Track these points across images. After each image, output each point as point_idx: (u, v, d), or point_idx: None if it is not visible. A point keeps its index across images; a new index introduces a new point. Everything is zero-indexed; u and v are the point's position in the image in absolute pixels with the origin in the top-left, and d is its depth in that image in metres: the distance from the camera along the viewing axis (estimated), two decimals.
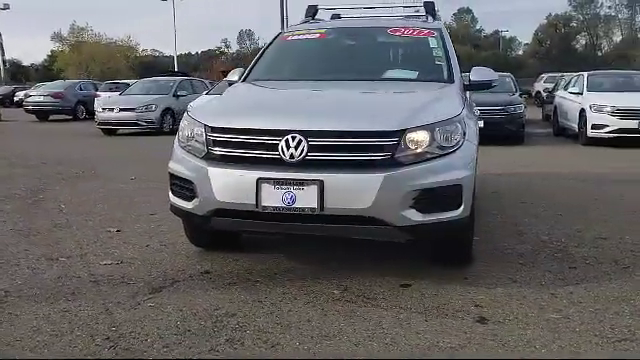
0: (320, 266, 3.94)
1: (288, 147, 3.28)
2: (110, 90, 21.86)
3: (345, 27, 5.13)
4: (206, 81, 19.25)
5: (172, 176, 3.79)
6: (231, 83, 4.89)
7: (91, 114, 22.54)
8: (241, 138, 3.41)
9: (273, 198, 3.27)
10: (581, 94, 12.76)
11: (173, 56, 44.91)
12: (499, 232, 4.88)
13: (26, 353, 2.76)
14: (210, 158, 3.48)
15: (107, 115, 15.45)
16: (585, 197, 6.55)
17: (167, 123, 15.61)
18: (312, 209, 3.23)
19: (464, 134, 3.49)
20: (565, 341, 2.83)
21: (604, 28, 79.77)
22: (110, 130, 15.57)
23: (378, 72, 4.50)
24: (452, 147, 3.40)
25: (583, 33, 79.37)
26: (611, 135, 11.63)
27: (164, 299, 3.37)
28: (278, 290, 3.51)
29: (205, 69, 54.13)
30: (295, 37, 4.97)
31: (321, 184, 3.20)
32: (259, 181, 3.28)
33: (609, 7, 79.11)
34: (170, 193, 3.85)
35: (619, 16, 79.72)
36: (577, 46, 79.46)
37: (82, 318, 3.09)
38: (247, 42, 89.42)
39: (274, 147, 3.32)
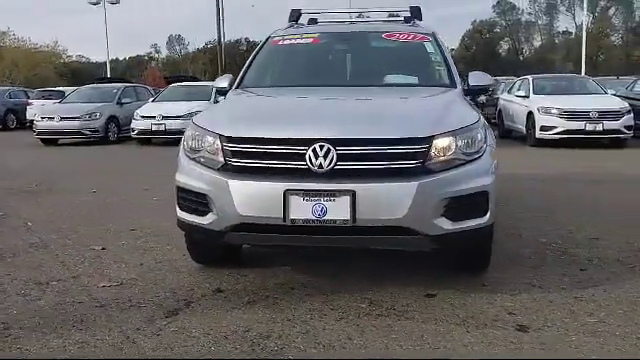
0: (334, 279, 3.80)
1: (316, 156, 3.13)
2: (43, 98, 20.80)
3: (337, 32, 5.02)
4: (150, 88, 18.60)
5: (181, 190, 3.55)
6: (220, 90, 4.69)
7: (22, 123, 21.44)
8: (264, 148, 3.23)
9: (302, 210, 3.11)
10: (528, 97, 13.19)
11: (100, 62, 43.26)
12: (495, 235, 4.89)
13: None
14: (229, 170, 3.28)
15: (47, 124, 14.64)
16: (552, 198, 6.74)
17: (112, 132, 14.96)
18: (344, 221, 3.09)
19: (485, 140, 3.45)
20: (611, 346, 2.83)
21: (525, 33, 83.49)
22: (50, 140, 14.77)
23: (380, 77, 4.43)
24: (476, 153, 3.36)
25: (506, 38, 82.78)
26: (559, 136, 12.07)
27: (185, 322, 3.14)
28: (303, 306, 3.35)
29: (133, 76, 52.49)
30: (287, 42, 4.81)
31: (353, 195, 3.07)
32: (287, 193, 3.12)
33: (529, 13, 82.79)
34: (177, 208, 3.61)
35: (539, 22, 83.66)
36: (500, 51, 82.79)
37: (104, 349, 2.83)
38: (177, 47, 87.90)
39: (300, 157, 3.16)
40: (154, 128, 13.73)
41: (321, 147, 3.13)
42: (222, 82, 4.68)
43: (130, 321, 3.16)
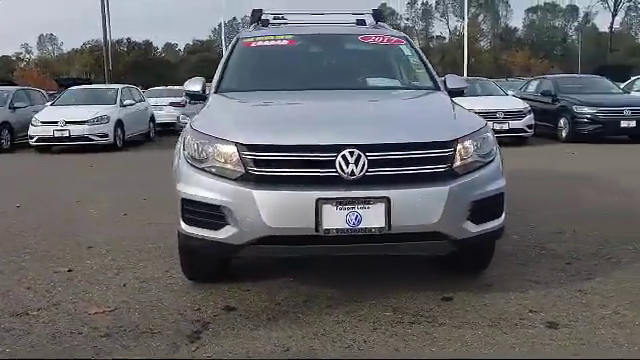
0: (342, 288, 3.68)
1: (347, 163, 3.02)
2: None
3: (311, 33, 4.89)
4: (43, 91, 17.18)
5: (188, 202, 3.28)
6: (192, 94, 4.43)
7: None
8: (291, 156, 3.06)
9: (336, 219, 2.99)
10: None
11: None
12: None
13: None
14: (251, 180, 3.07)
15: None
16: None
17: (5, 139, 13.64)
18: (380, 228, 3.01)
19: (495, 142, 3.52)
20: (638, 335, 2.97)
21: None
22: None
23: (366, 81, 4.39)
24: (490, 156, 3.41)
25: None
26: None
27: (214, 346, 2.91)
28: (328, 319, 3.22)
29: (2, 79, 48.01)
30: (260, 43, 4.62)
31: (388, 201, 3.00)
32: (319, 202, 2.98)
33: (407, 19, 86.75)
34: (183, 223, 3.34)
35: (416, 27, 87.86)
36: None
37: None
38: (49, 47, 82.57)
39: (330, 164, 3.03)
40: (57, 134, 12.70)
41: (351, 153, 3.02)
42: (194, 86, 4.41)
43: (152, 351, 2.87)
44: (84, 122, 12.67)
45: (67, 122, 12.71)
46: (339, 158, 3.02)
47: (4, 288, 3.81)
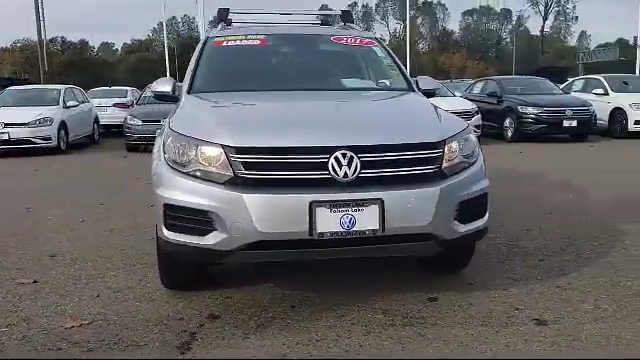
0: (325, 291, 3.63)
1: (340, 165, 2.97)
2: None
3: (283, 33, 4.81)
4: None
5: (171, 208, 3.14)
6: (160, 95, 4.28)
7: None
8: (281, 158, 2.98)
9: (330, 223, 2.93)
10: None
11: None
12: None
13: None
14: (239, 184, 2.97)
15: None
16: None
17: None
18: (374, 231, 2.97)
19: (477, 143, 3.55)
20: (621, 329, 3.05)
21: None
22: None
23: (341, 81, 4.36)
24: (474, 156, 3.44)
25: None
26: None
27: (207, 357, 2.80)
28: (320, 324, 3.16)
29: None
30: (231, 43, 4.51)
31: (382, 203, 2.97)
32: (312, 205, 2.91)
33: None
34: (165, 229, 3.19)
35: (356, 29, 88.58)
36: None
37: None
38: None
39: (322, 166, 2.97)
40: None
41: (344, 155, 2.98)
42: (163, 86, 4.26)
43: None
44: (25, 124, 12.10)
45: (6, 124, 12.08)
46: (332, 160, 2.97)
47: None
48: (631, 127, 13.62)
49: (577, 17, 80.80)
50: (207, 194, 3.02)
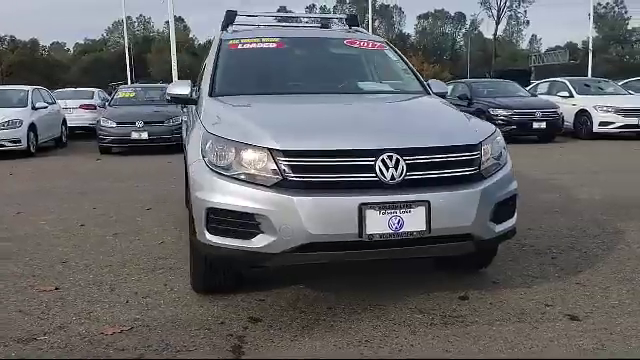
0: (358, 292, 3.66)
1: (387, 167, 3.02)
2: None
3: (297, 37, 4.84)
4: None
5: (214, 211, 3.13)
6: (178, 98, 4.25)
7: None
8: (330, 161, 3.01)
9: (379, 224, 2.98)
10: None
11: None
12: None
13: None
14: (289, 186, 2.99)
15: None
16: None
17: None
18: (421, 232, 3.04)
19: (505, 145, 3.65)
20: None
21: None
22: None
23: (363, 85, 4.41)
24: (504, 158, 3.54)
25: None
26: None
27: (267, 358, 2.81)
28: (363, 325, 3.20)
29: None
30: (247, 46, 4.51)
31: (428, 205, 3.03)
32: (362, 207, 2.96)
33: (306, 22, 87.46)
34: (207, 233, 3.17)
35: None
36: None
37: None
38: None
39: (369, 168, 3.02)
40: None
41: (390, 157, 3.03)
42: (181, 89, 4.23)
43: None
44: None
45: None
46: (378, 162, 3.02)
47: None
48: (596, 129, 14.14)
49: (528, 21, 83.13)
50: (254, 197, 3.03)
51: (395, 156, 3.04)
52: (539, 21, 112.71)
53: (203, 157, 3.25)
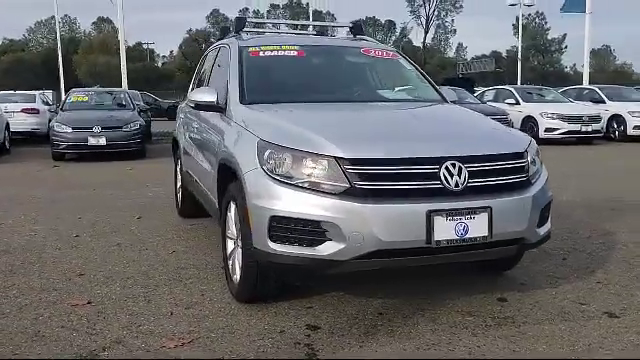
0: (400, 297, 3.74)
1: (451, 175, 3.12)
2: None
3: (314, 45, 4.85)
4: None
5: (278, 220, 3.12)
6: (203, 104, 4.19)
7: None
8: (397, 169, 3.07)
9: (446, 230, 3.07)
10: None
11: None
12: None
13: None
14: (358, 195, 3.02)
15: None
16: None
17: None
18: (484, 237, 3.15)
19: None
20: None
21: None
22: None
23: (387, 93, 4.49)
24: (540, 164, 3.71)
25: None
26: None
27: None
28: (421, 328, 3.27)
29: None
30: (268, 53, 4.49)
31: (490, 211, 3.15)
32: (431, 214, 3.03)
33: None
34: (269, 241, 3.16)
35: None
36: None
37: None
38: None
39: (433, 176, 3.11)
40: None
41: (453, 165, 3.13)
42: (207, 96, 4.16)
43: None
44: None
45: None
46: (442, 170, 3.11)
47: (30, 330, 3.27)
48: (542, 134, 14.89)
49: (455, 30, 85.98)
50: (321, 205, 3.04)
51: (458, 164, 3.13)
52: (465, 30, 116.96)
53: (261, 165, 3.24)
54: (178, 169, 6.31)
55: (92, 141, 11.84)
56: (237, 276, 3.65)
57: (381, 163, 3.08)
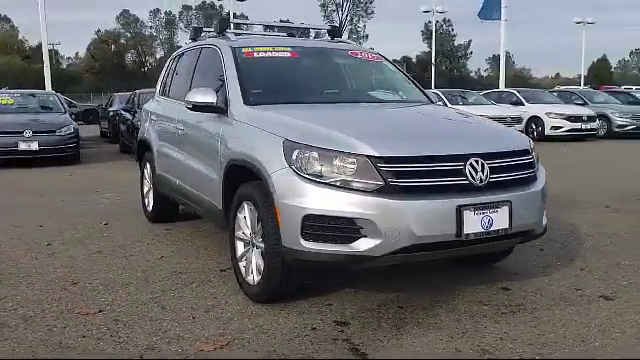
0: (411, 291, 3.87)
1: (475, 171, 3.27)
2: None
3: (305, 46, 4.89)
4: None
5: (312, 218, 3.15)
6: (202, 105, 4.14)
7: None
8: (427, 166, 3.19)
9: (474, 224, 3.22)
10: None
11: None
12: None
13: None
14: (393, 192, 3.12)
15: None
16: None
17: None
18: (505, 230, 3.33)
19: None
20: None
21: (149, 46, 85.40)
22: None
23: (379, 94, 4.62)
24: (536, 160, 3.96)
25: (132, 50, 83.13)
26: None
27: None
28: (446, 320, 3.40)
29: None
30: (262, 54, 4.49)
31: (510, 204, 3.34)
32: (460, 208, 3.18)
33: (151, 27, 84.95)
34: (302, 240, 3.19)
35: (160, 36, 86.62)
36: (127, 62, 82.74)
37: None
38: None
39: (459, 172, 3.25)
40: None
41: (476, 162, 3.29)
42: (205, 97, 4.10)
43: None
44: None
45: None
46: (467, 166, 3.26)
47: (51, 342, 3.11)
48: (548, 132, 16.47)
49: (367, 35, 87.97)
50: (356, 202, 3.11)
51: (480, 160, 3.30)
52: (377, 35, 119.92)
53: (290, 165, 3.25)
54: (147, 173, 6.12)
55: (23, 146, 11.18)
56: (253, 277, 3.64)
57: (413, 161, 3.19)
